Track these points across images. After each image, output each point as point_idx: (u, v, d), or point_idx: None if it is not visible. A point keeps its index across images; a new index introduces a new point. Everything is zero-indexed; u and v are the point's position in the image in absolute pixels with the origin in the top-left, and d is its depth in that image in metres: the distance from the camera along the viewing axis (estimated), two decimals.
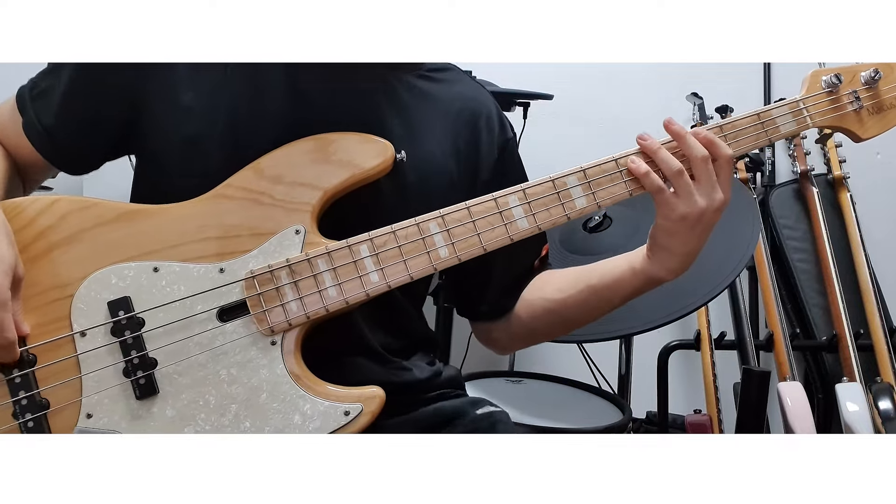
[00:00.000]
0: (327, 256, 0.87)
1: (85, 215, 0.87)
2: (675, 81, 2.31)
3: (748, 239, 1.53)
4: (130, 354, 0.84)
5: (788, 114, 1.00)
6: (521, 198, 0.91)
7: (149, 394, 0.84)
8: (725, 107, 2.26)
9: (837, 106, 1.00)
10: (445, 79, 1.06)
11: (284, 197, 0.88)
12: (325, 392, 0.85)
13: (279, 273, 0.87)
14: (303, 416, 0.84)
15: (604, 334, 1.56)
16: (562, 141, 2.27)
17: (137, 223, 0.87)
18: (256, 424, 0.84)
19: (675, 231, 0.91)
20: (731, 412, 1.96)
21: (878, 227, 2.24)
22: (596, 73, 2.31)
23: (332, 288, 0.87)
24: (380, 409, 0.85)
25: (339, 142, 0.90)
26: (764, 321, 2.08)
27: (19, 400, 0.81)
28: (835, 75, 1.00)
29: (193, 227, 0.88)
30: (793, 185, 2.24)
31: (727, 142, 0.94)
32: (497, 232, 0.91)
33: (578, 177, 0.93)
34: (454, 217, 0.90)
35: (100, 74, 0.92)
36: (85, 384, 0.83)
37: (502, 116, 1.09)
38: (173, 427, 0.83)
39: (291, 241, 0.88)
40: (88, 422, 0.82)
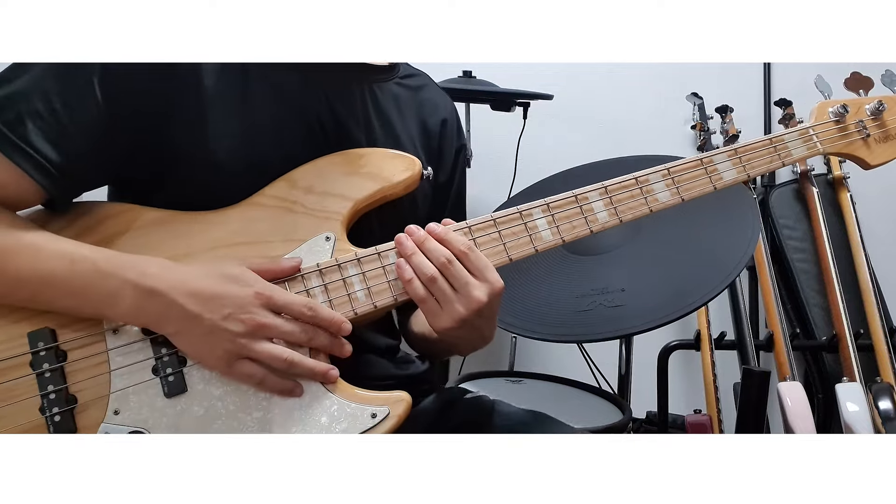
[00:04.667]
0: (357, 262, 0.89)
1: (122, 219, 0.88)
2: (675, 81, 2.32)
3: (748, 239, 1.52)
4: (161, 352, 0.84)
5: (799, 139, 1.02)
6: (545, 210, 0.93)
7: (177, 392, 0.84)
8: (725, 107, 2.26)
9: (846, 134, 1.04)
10: (414, 84, 1.09)
11: (315, 206, 0.91)
12: (352, 394, 0.86)
13: (309, 276, 0.88)
14: (330, 418, 0.85)
15: (604, 334, 1.56)
16: (562, 141, 2.27)
17: (172, 228, 0.89)
18: (283, 425, 0.84)
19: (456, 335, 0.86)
20: (731, 412, 1.96)
21: (878, 228, 2.24)
22: (596, 74, 2.31)
23: (361, 291, 0.89)
24: (406, 413, 0.85)
25: (367, 156, 0.94)
26: (764, 321, 2.08)
27: (48, 394, 0.81)
28: (841, 106, 1.04)
29: (226, 232, 0.89)
30: (793, 185, 2.24)
31: (742, 163, 0.96)
32: (522, 241, 0.92)
33: (600, 192, 0.95)
34: (479, 227, 0.92)
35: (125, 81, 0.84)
36: (114, 380, 0.83)
37: (460, 122, 1.14)
38: (201, 425, 0.83)
39: (322, 247, 0.89)
40: (116, 418, 0.82)
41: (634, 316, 1.41)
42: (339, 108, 0.96)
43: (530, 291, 1.39)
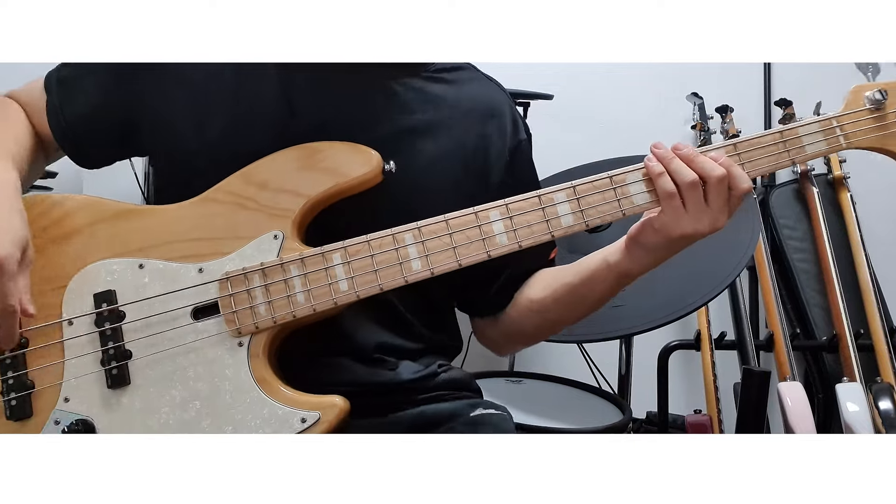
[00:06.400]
0: (300, 262, 0.88)
1: (85, 213, 0.91)
2: (676, 81, 2.31)
3: (748, 239, 1.53)
4: (108, 345, 0.87)
5: (818, 132, 0.90)
6: (504, 212, 0.89)
7: (120, 384, 0.86)
8: (725, 107, 2.25)
9: (882, 125, 0.90)
10: (456, 79, 1.04)
11: (268, 203, 0.90)
12: (285, 397, 0.86)
13: (252, 276, 0.88)
14: (260, 420, 0.85)
15: (604, 334, 1.56)
16: (561, 141, 2.27)
17: (132, 221, 0.91)
18: (216, 423, 0.86)
19: (666, 239, 0.88)
20: (731, 412, 1.96)
21: (878, 228, 2.24)
22: (596, 74, 2.30)
23: (301, 294, 0.88)
24: (339, 419, 0.85)
25: (326, 150, 0.91)
26: (764, 321, 2.08)
27: (7, 379, 0.86)
28: (879, 91, 0.89)
29: (183, 227, 0.90)
30: (793, 185, 2.24)
31: (741, 162, 0.89)
32: (474, 247, 0.89)
33: (567, 193, 0.90)
34: (431, 229, 0.89)
35: (126, 85, 0.96)
36: (66, 369, 0.87)
37: (516, 117, 1.07)
38: (139, 418, 0.86)
39: (269, 245, 0.89)
40: (65, 405, 0.86)
41: (634, 316, 1.41)
42: (336, 114, 0.95)
43: None
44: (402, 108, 0.99)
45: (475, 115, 1.02)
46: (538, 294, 1.03)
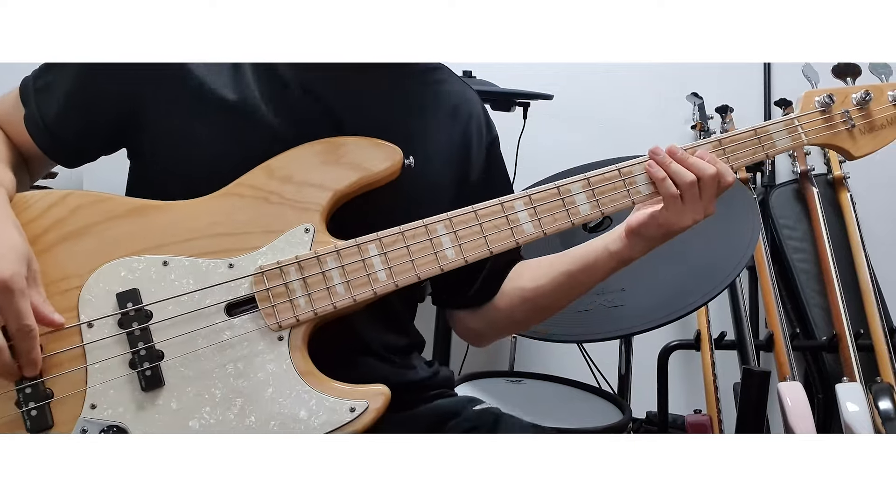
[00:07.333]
0: (336, 254, 0.88)
1: (96, 209, 0.88)
2: (675, 81, 2.31)
3: (748, 239, 1.52)
4: (137, 346, 0.84)
5: (784, 130, 1.02)
6: (527, 202, 0.94)
7: (154, 386, 0.84)
8: (725, 107, 2.26)
9: (831, 125, 1.03)
10: (436, 79, 1.07)
11: (294, 196, 0.89)
12: (331, 388, 0.86)
13: (288, 269, 0.87)
14: (308, 412, 0.85)
15: (604, 334, 1.56)
16: (561, 141, 2.27)
17: (148, 218, 0.88)
18: (262, 419, 0.84)
19: (666, 230, 0.96)
20: (731, 412, 1.96)
21: (878, 228, 2.24)
22: (595, 74, 2.30)
23: (341, 285, 0.88)
24: (385, 407, 0.86)
25: (348, 145, 0.92)
26: (764, 321, 2.08)
27: (23, 388, 0.81)
28: (827, 95, 1.02)
29: (204, 223, 0.89)
30: (793, 185, 2.24)
31: (725, 155, 0.98)
32: (503, 235, 0.92)
33: (582, 185, 0.95)
34: (461, 219, 0.91)
35: (105, 77, 0.93)
36: (90, 374, 0.83)
37: (488, 115, 1.11)
38: (178, 420, 0.83)
39: (300, 239, 0.89)
40: (93, 412, 0.82)
41: (634, 316, 1.41)
42: (354, 110, 0.96)
43: None
44: (407, 108, 1.00)
45: (458, 115, 1.05)
46: (531, 283, 1.06)
